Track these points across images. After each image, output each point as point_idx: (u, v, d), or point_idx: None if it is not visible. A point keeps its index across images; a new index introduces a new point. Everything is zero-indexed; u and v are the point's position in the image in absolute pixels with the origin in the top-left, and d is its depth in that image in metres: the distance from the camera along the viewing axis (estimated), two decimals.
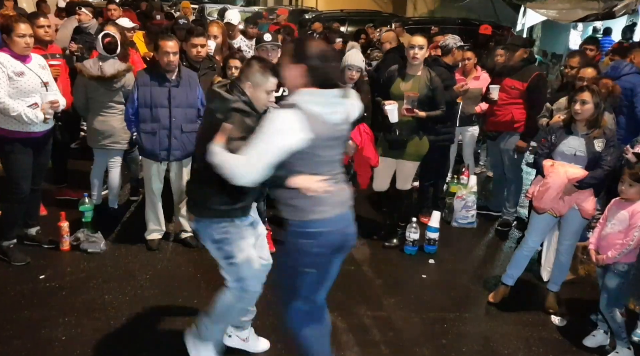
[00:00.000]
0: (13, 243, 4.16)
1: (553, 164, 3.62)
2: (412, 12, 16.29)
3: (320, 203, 2.46)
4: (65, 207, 4.73)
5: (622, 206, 3.36)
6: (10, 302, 3.65)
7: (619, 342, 3.42)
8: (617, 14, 9.02)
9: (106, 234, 4.51)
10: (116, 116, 4.60)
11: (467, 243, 5.01)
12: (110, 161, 4.78)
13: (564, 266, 3.90)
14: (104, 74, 4.45)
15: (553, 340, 3.63)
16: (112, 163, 4.79)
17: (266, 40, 4.20)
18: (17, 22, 3.81)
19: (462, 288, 4.20)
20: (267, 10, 13.79)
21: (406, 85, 4.45)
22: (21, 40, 3.76)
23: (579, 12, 9.27)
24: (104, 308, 3.63)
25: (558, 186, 3.55)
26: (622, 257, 3.29)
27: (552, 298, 3.94)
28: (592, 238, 3.52)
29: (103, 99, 4.54)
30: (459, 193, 5.30)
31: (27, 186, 4.01)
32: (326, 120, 2.40)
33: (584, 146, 3.55)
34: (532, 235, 3.89)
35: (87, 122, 4.72)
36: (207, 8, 15.23)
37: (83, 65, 4.51)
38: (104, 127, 4.59)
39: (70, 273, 4.06)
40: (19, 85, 3.77)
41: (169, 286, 3.95)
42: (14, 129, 3.85)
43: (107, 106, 4.57)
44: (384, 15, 12.60)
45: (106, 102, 4.56)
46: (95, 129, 4.61)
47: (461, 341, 3.56)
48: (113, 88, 4.53)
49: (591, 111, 3.50)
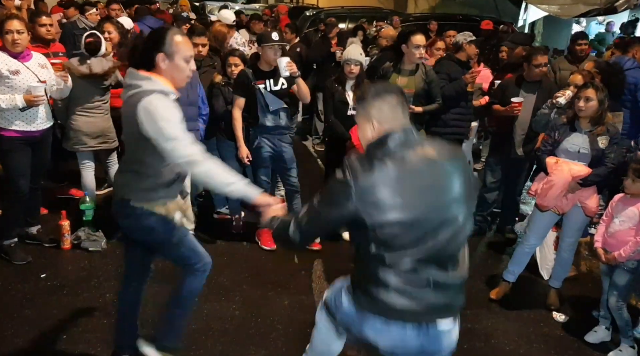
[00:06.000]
0: (14, 241, 4.16)
1: (557, 161, 3.60)
2: (413, 8, 16.24)
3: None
4: (66, 206, 4.73)
5: (629, 202, 3.34)
6: (11, 301, 3.65)
7: (623, 340, 3.41)
8: (619, 9, 8.99)
9: (107, 232, 4.51)
10: (103, 115, 4.54)
11: (469, 240, 4.98)
12: (107, 162, 4.75)
13: (566, 262, 3.89)
14: (95, 72, 4.36)
15: (555, 336, 3.63)
16: (109, 163, 4.77)
17: (274, 39, 4.18)
18: (8, 19, 3.81)
19: None
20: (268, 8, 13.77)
21: (402, 80, 4.45)
22: (9, 37, 3.75)
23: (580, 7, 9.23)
24: (105, 307, 3.63)
25: (562, 184, 3.54)
26: (635, 255, 3.27)
27: (553, 295, 3.93)
28: (598, 235, 3.48)
29: (89, 99, 4.45)
30: None
31: (26, 184, 4.01)
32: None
33: (587, 143, 3.54)
34: (534, 232, 3.87)
35: (67, 124, 4.46)
36: (207, 5, 15.22)
37: (71, 63, 4.36)
38: (90, 128, 4.47)
39: (71, 272, 4.06)
40: (14, 83, 3.77)
41: (169, 284, 3.91)
42: (12, 128, 3.85)
43: (93, 106, 4.47)
44: (384, 12, 12.58)
45: (93, 102, 4.47)
46: (80, 131, 4.46)
47: (463, 338, 3.50)
48: (103, 86, 4.48)
49: (595, 108, 3.48)
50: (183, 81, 2.57)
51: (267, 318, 3.59)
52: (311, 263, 4.40)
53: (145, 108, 2.36)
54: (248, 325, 3.51)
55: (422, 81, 4.44)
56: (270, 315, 3.62)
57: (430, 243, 1.94)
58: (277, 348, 3.33)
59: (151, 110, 2.36)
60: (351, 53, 4.54)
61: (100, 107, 4.53)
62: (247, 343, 3.35)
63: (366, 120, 2.04)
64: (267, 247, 4.55)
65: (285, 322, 3.55)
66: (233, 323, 3.49)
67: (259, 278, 4.12)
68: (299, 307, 3.76)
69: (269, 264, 4.32)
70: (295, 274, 4.23)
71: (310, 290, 4.01)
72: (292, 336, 3.42)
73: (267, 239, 4.57)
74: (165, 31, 2.51)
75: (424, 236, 1.93)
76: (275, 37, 4.20)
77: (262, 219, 2.33)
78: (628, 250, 3.25)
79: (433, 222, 1.95)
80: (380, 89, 2.07)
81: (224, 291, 3.89)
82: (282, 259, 4.44)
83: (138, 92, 2.41)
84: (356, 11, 12.06)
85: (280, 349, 3.32)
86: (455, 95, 4.78)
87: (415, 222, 1.91)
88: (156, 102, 2.37)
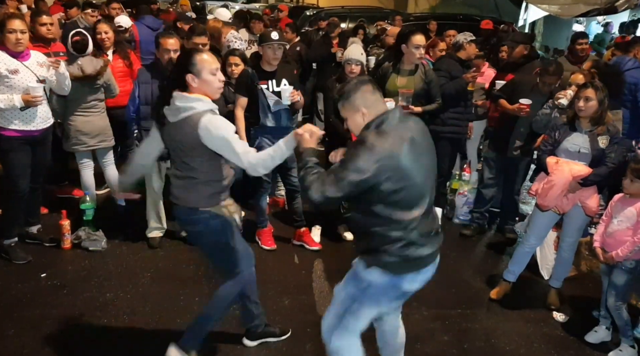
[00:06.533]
0: (14, 241, 4.16)
1: (557, 161, 3.60)
2: (413, 8, 16.24)
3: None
4: (66, 205, 4.73)
5: (628, 202, 3.34)
6: (11, 300, 3.66)
7: (623, 339, 3.41)
8: (620, 9, 8.98)
9: (107, 232, 4.51)
10: (100, 113, 4.56)
11: (469, 239, 5.00)
12: (103, 161, 4.75)
13: (567, 262, 3.89)
14: (87, 73, 4.36)
15: (555, 336, 3.62)
16: (105, 162, 4.76)
17: (274, 38, 4.18)
18: (9, 18, 3.81)
19: (463, 285, 4.19)
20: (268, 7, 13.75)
21: (402, 80, 4.45)
22: (12, 36, 3.76)
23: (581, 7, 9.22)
24: (105, 307, 3.63)
25: (562, 184, 3.54)
26: (632, 255, 3.27)
27: (554, 294, 3.93)
28: (597, 235, 3.48)
29: (85, 99, 4.45)
30: (461, 189, 5.29)
31: (25, 184, 4.01)
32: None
33: (588, 143, 3.54)
34: (534, 232, 3.87)
35: (65, 125, 4.49)
36: (207, 5, 15.20)
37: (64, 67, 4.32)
38: (88, 127, 4.49)
39: (71, 272, 4.06)
40: (13, 83, 3.77)
41: (170, 284, 3.95)
42: (11, 128, 3.85)
43: (89, 105, 4.48)
44: (385, 12, 12.58)
45: (89, 102, 4.48)
46: (79, 131, 4.47)
47: (463, 338, 3.55)
48: (97, 85, 4.48)
49: (595, 108, 3.48)
50: (216, 92, 2.79)
51: (267, 318, 3.58)
52: (311, 263, 4.40)
53: (207, 128, 2.62)
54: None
55: (422, 81, 4.44)
56: (270, 314, 3.62)
57: (427, 198, 2.39)
58: (277, 348, 3.33)
59: (212, 130, 2.62)
60: (352, 53, 4.52)
61: (96, 106, 4.54)
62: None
63: (355, 111, 2.40)
64: (267, 247, 4.55)
65: (285, 322, 3.55)
66: (233, 323, 3.48)
67: (259, 278, 4.09)
68: (299, 307, 3.77)
69: (269, 264, 4.32)
70: (295, 274, 4.23)
71: (310, 290, 4.01)
72: (292, 336, 3.42)
73: (267, 239, 4.57)
74: (190, 54, 2.76)
75: (425, 193, 2.37)
76: (274, 36, 4.20)
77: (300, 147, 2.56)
78: (625, 250, 3.25)
79: (429, 180, 2.40)
80: (356, 82, 2.45)
81: None
82: (282, 259, 4.44)
83: (194, 114, 2.65)
84: (356, 11, 12.05)
85: (281, 349, 3.32)
86: (455, 94, 4.77)
87: (421, 182, 2.33)
88: (215, 121, 2.65)
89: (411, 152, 2.27)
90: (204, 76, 2.69)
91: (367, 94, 2.39)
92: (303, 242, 4.61)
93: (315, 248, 4.56)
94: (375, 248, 2.41)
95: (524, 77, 4.74)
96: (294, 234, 4.67)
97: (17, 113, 3.83)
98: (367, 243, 2.45)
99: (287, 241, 4.67)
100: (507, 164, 4.81)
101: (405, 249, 2.37)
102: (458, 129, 5.03)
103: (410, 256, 2.39)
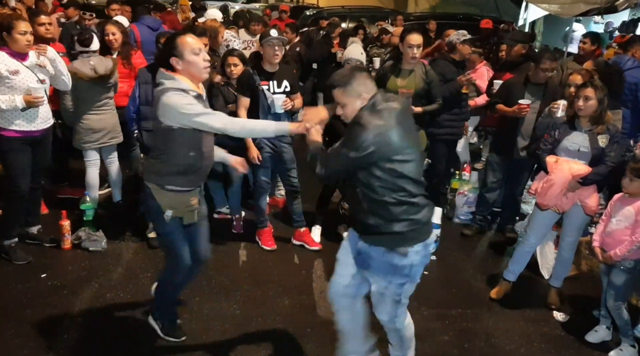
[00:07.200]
0: (14, 241, 4.16)
1: (557, 160, 3.60)
2: (413, 7, 16.25)
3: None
4: (66, 206, 4.73)
5: (627, 202, 3.34)
6: (11, 301, 3.65)
7: (623, 339, 3.41)
8: (620, 8, 8.97)
9: (107, 232, 4.51)
10: (112, 111, 4.63)
11: (469, 239, 5.00)
12: (108, 158, 4.77)
13: (567, 262, 3.89)
14: (100, 73, 4.40)
15: (555, 335, 3.62)
16: (110, 160, 4.79)
17: (272, 35, 4.18)
18: (17, 19, 3.81)
19: (464, 284, 4.19)
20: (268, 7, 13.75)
21: (402, 81, 4.44)
22: (22, 38, 3.76)
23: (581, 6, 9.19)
24: (106, 307, 3.63)
25: (562, 183, 3.53)
26: (630, 254, 3.27)
27: (554, 294, 3.93)
28: (596, 234, 3.48)
29: (98, 98, 4.51)
30: (461, 188, 5.28)
31: (26, 184, 4.01)
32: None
33: (587, 142, 3.53)
34: (534, 231, 3.87)
35: (77, 124, 4.53)
36: (207, 5, 15.19)
37: (75, 67, 4.37)
38: (101, 125, 4.56)
39: (71, 272, 4.06)
40: (14, 84, 3.77)
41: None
42: (11, 128, 3.85)
43: (102, 103, 4.54)
44: (385, 11, 12.58)
45: (102, 100, 4.53)
46: (92, 129, 4.53)
47: (463, 337, 3.55)
48: (109, 84, 4.52)
49: (594, 107, 3.48)
50: (203, 73, 2.83)
51: (267, 318, 3.59)
52: (311, 263, 4.40)
53: (164, 103, 2.70)
54: (248, 325, 3.51)
55: (422, 81, 4.42)
56: (270, 315, 3.62)
57: (419, 168, 2.59)
58: (277, 348, 3.33)
59: (169, 104, 2.69)
60: (352, 52, 4.53)
61: (108, 104, 4.60)
62: (247, 343, 3.35)
63: (356, 96, 2.54)
64: (267, 247, 4.55)
65: (285, 322, 3.55)
66: (233, 323, 3.49)
67: (259, 278, 4.12)
68: (299, 307, 3.76)
69: (269, 264, 4.32)
70: (295, 274, 4.23)
71: (310, 290, 4.01)
72: (292, 336, 3.42)
73: (267, 239, 4.57)
74: (171, 38, 2.84)
75: (417, 164, 2.56)
76: (273, 33, 4.20)
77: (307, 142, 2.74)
78: (623, 249, 3.25)
79: (418, 151, 2.59)
80: (351, 69, 2.69)
81: (224, 291, 3.89)
82: (282, 259, 4.44)
83: (162, 89, 2.74)
84: (356, 11, 12.05)
85: (281, 349, 3.32)
86: (449, 97, 4.74)
87: (414, 153, 2.53)
88: (174, 97, 2.70)
89: (402, 126, 2.47)
90: (186, 56, 2.76)
91: (367, 81, 2.56)
92: (303, 242, 4.61)
93: (315, 248, 4.55)
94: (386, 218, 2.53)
95: (516, 78, 4.73)
96: (294, 234, 4.67)
97: (18, 113, 3.83)
98: (375, 218, 2.55)
99: (287, 241, 4.67)
100: (512, 166, 4.78)
101: (411, 209, 2.53)
102: (454, 131, 5.04)
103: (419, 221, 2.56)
